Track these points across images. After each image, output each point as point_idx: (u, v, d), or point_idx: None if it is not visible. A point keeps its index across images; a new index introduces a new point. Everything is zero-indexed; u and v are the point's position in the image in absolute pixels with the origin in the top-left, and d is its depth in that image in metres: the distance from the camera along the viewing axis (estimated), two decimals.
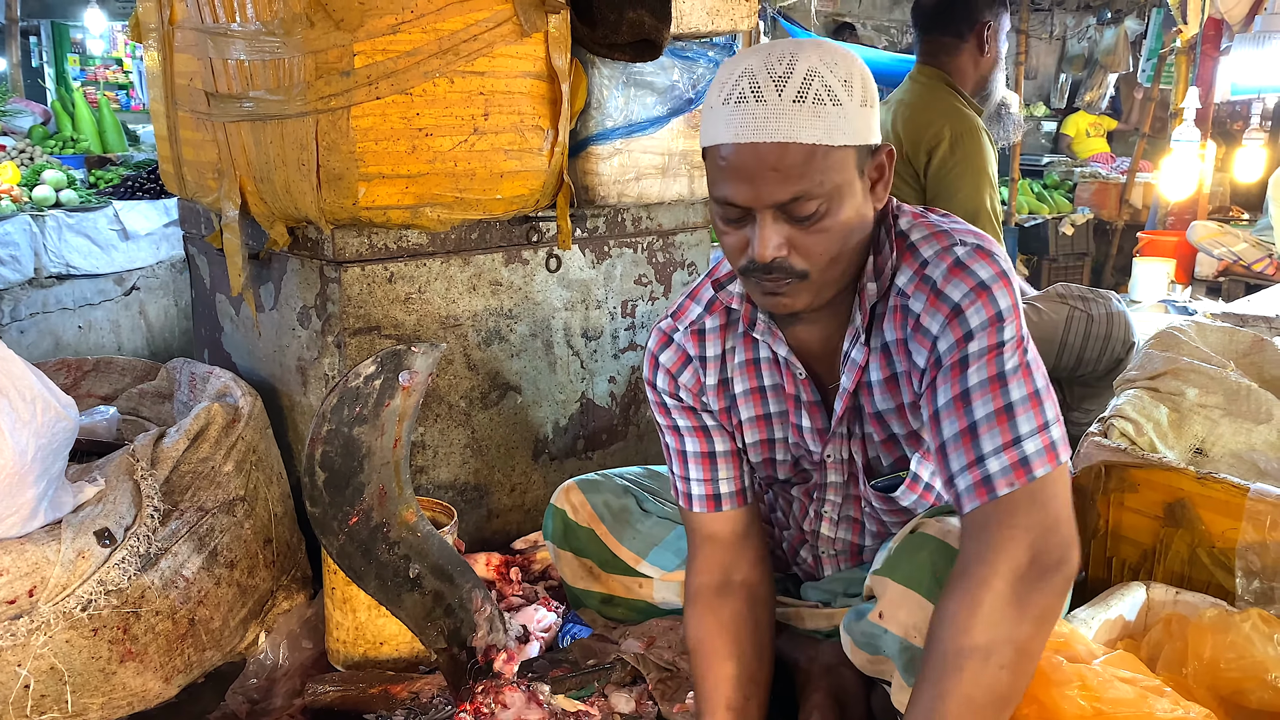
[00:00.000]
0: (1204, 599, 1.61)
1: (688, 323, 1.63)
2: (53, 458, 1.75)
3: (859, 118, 1.32)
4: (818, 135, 1.29)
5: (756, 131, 1.29)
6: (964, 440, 1.31)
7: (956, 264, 1.36)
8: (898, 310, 1.43)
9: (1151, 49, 7.56)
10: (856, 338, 1.47)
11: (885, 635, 1.46)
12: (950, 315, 1.35)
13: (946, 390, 1.34)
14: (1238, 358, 2.05)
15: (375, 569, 1.45)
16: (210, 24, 2.11)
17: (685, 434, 1.63)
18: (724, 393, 1.62)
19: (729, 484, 1.62)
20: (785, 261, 1.35)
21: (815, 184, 1.31)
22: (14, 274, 4.37)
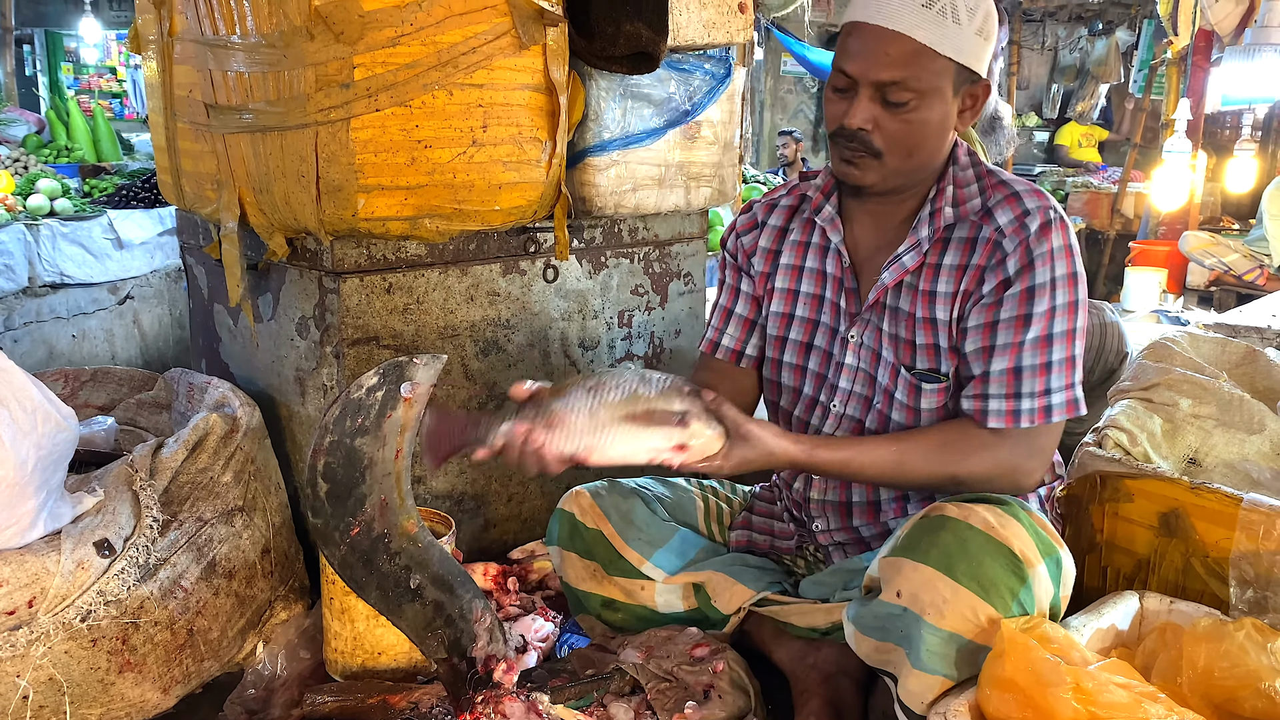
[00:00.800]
0: (1198, 608, 1.63)
1: (769, 197, 1.95)
2: (53, 469, 1.76)
3: (971, 42, 1.57)
4: (931, 39, 1.54)
5: (885, 18, 1.55)
6: (1008, 378, 1.61)
7: (1048, 224, 1.61)
8: (989, 243, 1.65)
9: (1143, 60, 7.61)
10: (916, 247, 1.70)
11: (905, 615, 1.47)
12: (1027, 265, 1.60)
13: (1008, 334, 1.61)
14: (1230, 368, 2.07)
15: (377, 579, 1.45)
16: (210, 36, 2.12)
17: (724, 288, 1.96)
18: (771, 260, 1.90)
19: (730, 340, 1.94)
20: (867, 136, 1.60)
21: (913, 77, 1.56)
22: (8, 283, 4.36)
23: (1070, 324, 1.61)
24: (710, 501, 2.11)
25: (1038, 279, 1.59)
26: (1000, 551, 1.45)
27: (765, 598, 1.88)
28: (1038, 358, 1.60)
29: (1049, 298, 1.59)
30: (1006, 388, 1.61)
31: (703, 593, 1.91)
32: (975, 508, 1.50)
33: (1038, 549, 1.47)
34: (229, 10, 2.06)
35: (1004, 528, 1.47)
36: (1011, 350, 1.61)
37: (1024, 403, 1.61)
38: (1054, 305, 1.59)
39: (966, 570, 1.44)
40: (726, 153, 2.68)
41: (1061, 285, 1.60)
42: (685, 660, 1.77)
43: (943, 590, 1.44)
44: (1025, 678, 1.35)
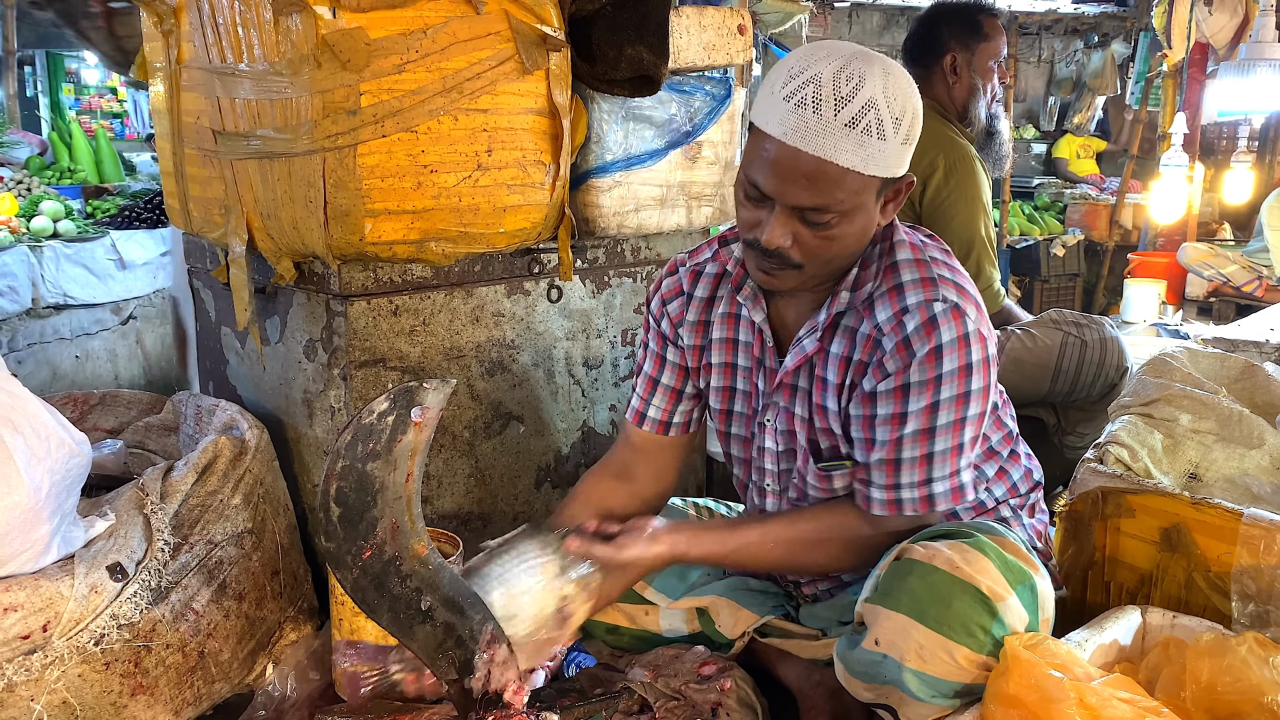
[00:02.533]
0: (1201, 623, 1.64)
1: (693, 262, 1.85)
2: (66, 493, 1.78)
3: (896, 153, 1.49)
4: (855, 162, 1.45)
5: (805, 140, 1.44)
6: (887, 469, 1.61)
7: (930, 320, 1.55)
8: (869, 339, 1.61)
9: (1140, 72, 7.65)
10: (814, 331, 1.66)
11: (885, 661, 1.49)
12: (904, 366, 1.56)
13: (885, 431, 1.60)
14: (1229, 383, 2.09)
15: (388, 602, 1.47)
16: (218, 64, 2.15)
17: (650, 356, 1.90)
18: (701, 333, 1.84)
19: (656, 411, 1.89)
20: (785, 253, 1.53)
21: (836, 201, 1.48)
22: (12, 305, 4.38)
23: (957, 415, 1.57)
24: None
25: (914, 377, 1.55)
26: (967, 591, 1.45)
27: (768, 624, 1.90)
28: (917, 450, 1.58)
29: (929, 394, 1.55)
30: (887, 478, 1.61)
31: (706, 616, 1.93)
32: (940, 548, 1.50)
33: (1007, 581, 1.46)
34: (237, 39, 2.09)
35: (969, 565, 1.47)
36: (890, 445, 1.59)
37: (904, 492, 1.61)
38: (935, 400, 1.56)
39: (936, 615, 1.45)
40: (727, 172, 2.70)
41: (948, 380, 1.55)
42: (693, 679, 1.78)
43: (917, 636, 1.46)
44: (1030, 694, 1.37)
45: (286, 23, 1.98)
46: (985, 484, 1.84)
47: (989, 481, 1.85)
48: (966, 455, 1.62)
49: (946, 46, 2.84)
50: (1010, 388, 2.68)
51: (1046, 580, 1.54)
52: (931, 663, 1.46)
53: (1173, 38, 5.29)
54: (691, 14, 2.55)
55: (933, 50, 2.86)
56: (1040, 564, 1.56)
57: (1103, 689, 1.37)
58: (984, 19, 2.87)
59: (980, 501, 1.84)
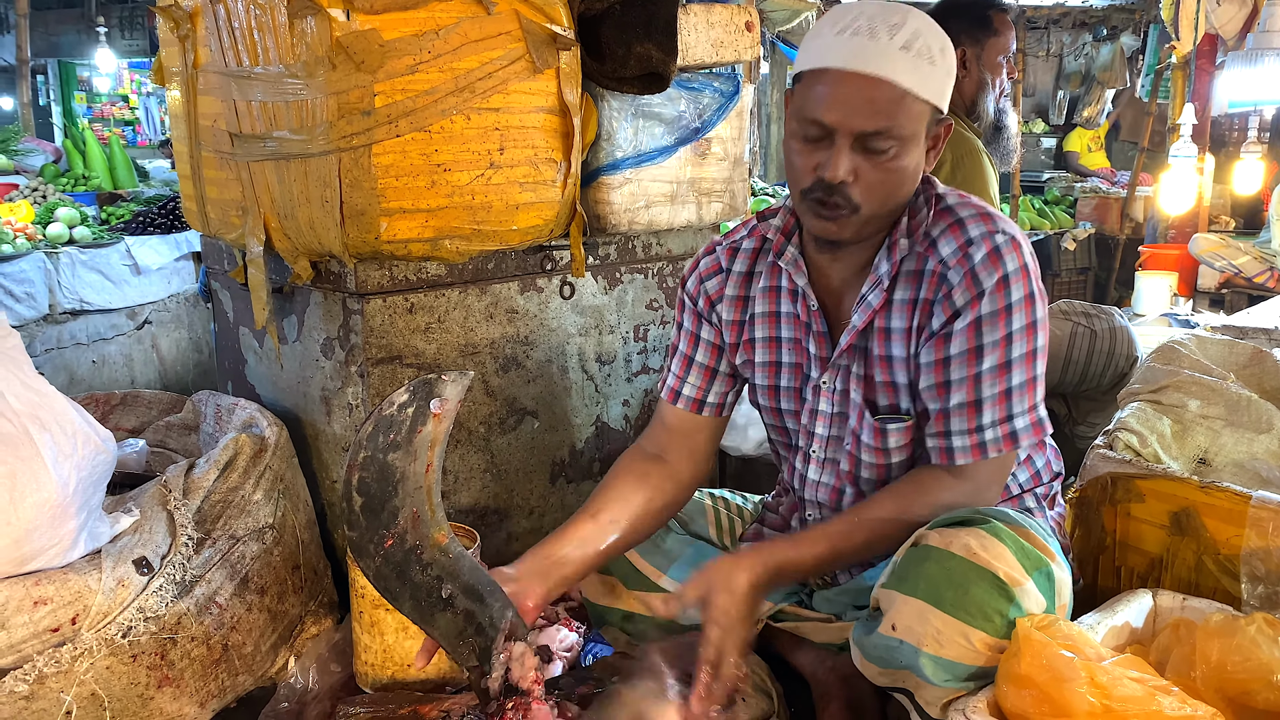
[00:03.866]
0: (1211, 604, 1.66)
1: (730, 240, 1.85)
2: (92, 489, 1.81)
3: (942, 82, 1.54)
4: (913, 83, 1.48)
5: (866, 63, 1.47)
6: (969, 410, 1.58)
7: (995, 250, 1.56)
8: (935, 276, 1.60)
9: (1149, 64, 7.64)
10: (878, 285, 1.64)
11: (902, 646, 1.51)
12: (976, 297, 1.55)
13: (962, 368, 1.58)
14: (1238, 369, 2.11)
15: (410, 590, 1.50)
16: (234, 68, 2.18)
17: (683, 334, 1.88)
18: (741, 308, 1.83)
19: (691, 389, 1.87)
20: (847, 191, 1.52)
21: (898, 125, 1.49)
22: (29, 310, 4.43)
23: (1029, 345, 1.57)
24: (721, 514, 2.12)
25: (985, 309, 1.55)
26: (984, 576, 1.46)
27: (782, 610, 1.91)
28: (997, 385, 1.57)
29: (1003, 325, 1.55)
30: (968, 421, 1.58)
31: None
32: (958, 533, 1.50)
33: (1023, 567, 1.47)
34: (252, 42, 2.13)
35: (986, 551, 1.47)
36: (969, 384, 1.57)
37: (987, 434, 1.59)
38: (1009, 332, 1.56)
39: (954, 600, 1.46)
40: (737, 168, 2.73)
41: (1017, 309, 1.55)
42: None
43: (934, 622, 1.47)
44: (1041, 674, 1.39)
45: (301, 25, 2.01)
46: (1012, 473, 1.84)
47: (1015, 469, 1.85)
48: (1040, 388, 1.61)
49: (956, 41, 2.84)
50: None
51: (1064, 569, 1.55)
52: (948, 647, 1.47)
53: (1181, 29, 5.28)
54: (699, 11, 2.58)
55: None
56: (1058, 552, 1.57)
57: (1113, 669, 1.39)
58: (993, 14, 2.89)
59: (1005, 487, 1.84)
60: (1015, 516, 1.58)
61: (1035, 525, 1.59)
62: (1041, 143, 9.06)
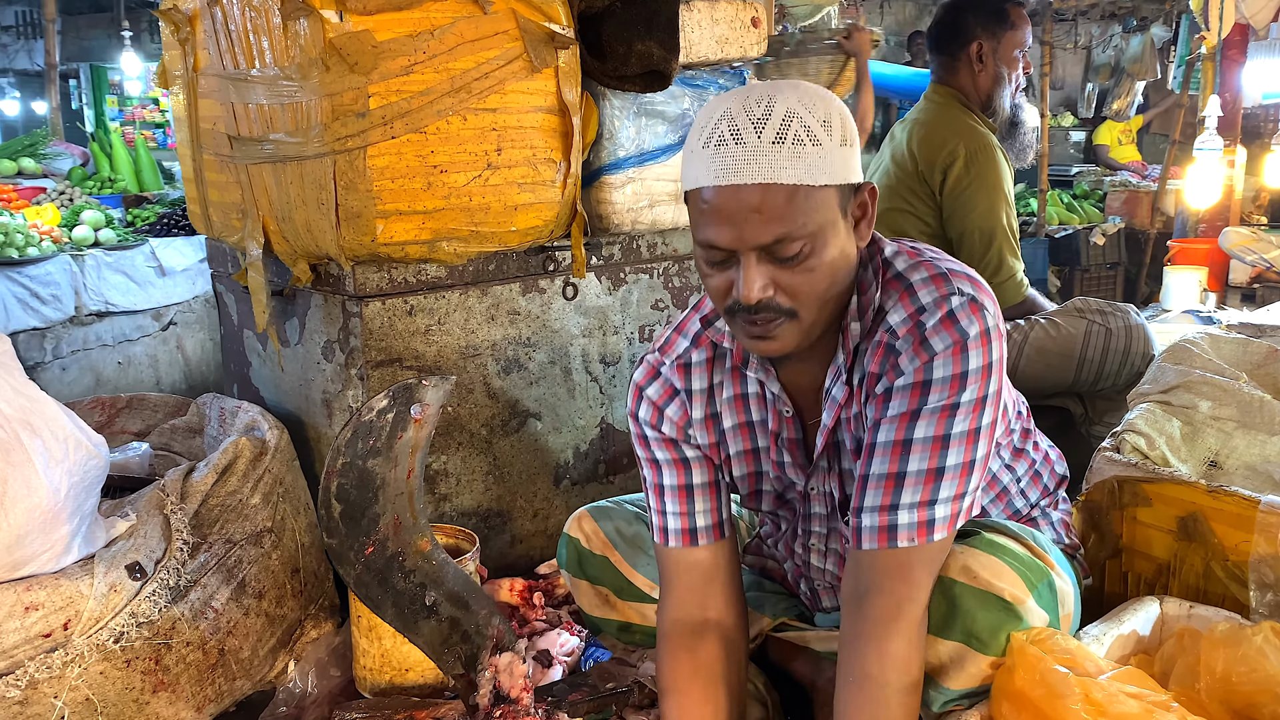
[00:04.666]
0: (1218, 613, 1.61)
1: (674, 357, 1.63)
2: (85, 494, 1.81)
3: (839, 157, 1.34)
4: (798, 176, 1.30)
5: (737, 174, 1.30)
6: (886, 483, 1.39)
7: (949, 315, 1.38)
8: (882, 346, 1.44)
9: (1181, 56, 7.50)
10: (839, 376, 1.48)
11: None
12: (925, 363, 1.38)
13: (890, 431, 1.40)
14: (1251, 369, 2.05)
15: (392, 597, 1.49)
16: (232, 70, 2.18)
17: (664, 466, 1.63)
18: (713, 427, 1.63)
19: (705, 517, 1.61)
20: (773, 301, 1.36)
21: (798, 225, 1.32)
22: (55, 312, 4.48)
23: (973, 423, 1.38)
24: None
25: (936, 373, 1.38)
26: (987, 600, 1.41)
27: (783, 623, 1.88)
28: (925, 462, 1.37)
29: (952, 393, 1.37)
30: (883, 496, 1.39)
31: None
32: (953, 557, 1.44)
33: (1025, 582, 1.42)
34: (248, 45, 2.12)
35: (985, 570, 1.42)
36: (894, 450, 1.39)
37: (900, 515, 1.38)
38: (955, 403, 1.37)
39: (960, 627, 1.42)
40: None
41: (973, 380, 1.37)
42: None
43: (942, 652, 1.43)
44: (1036, 689, 1.35)
45: (294, 27, 2.00)
46: (1022, 492, 1.79)
47: (1026, 489, 1.79)
48: (976, 477, 1.42)
49: (973, 34, 2.81)
50: (1035, 377, 2.66)
51: (1065, 578, 1.50)
52: (959, 678, 1.44)
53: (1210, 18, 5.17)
54: (703, 8, 2.55)
55: (958, 38, 2.83)
56: (1057, 560, 1.52)
57: (1109, 684, 1.35)
58: (1010, 7, 2.84)
59: (1016, 510, 1.78)
60: (1011, 525, 1.54)
61: (1033, 533, 1.55)
62: (1070, 136, 8.93)
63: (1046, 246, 7.19)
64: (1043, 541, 1.54)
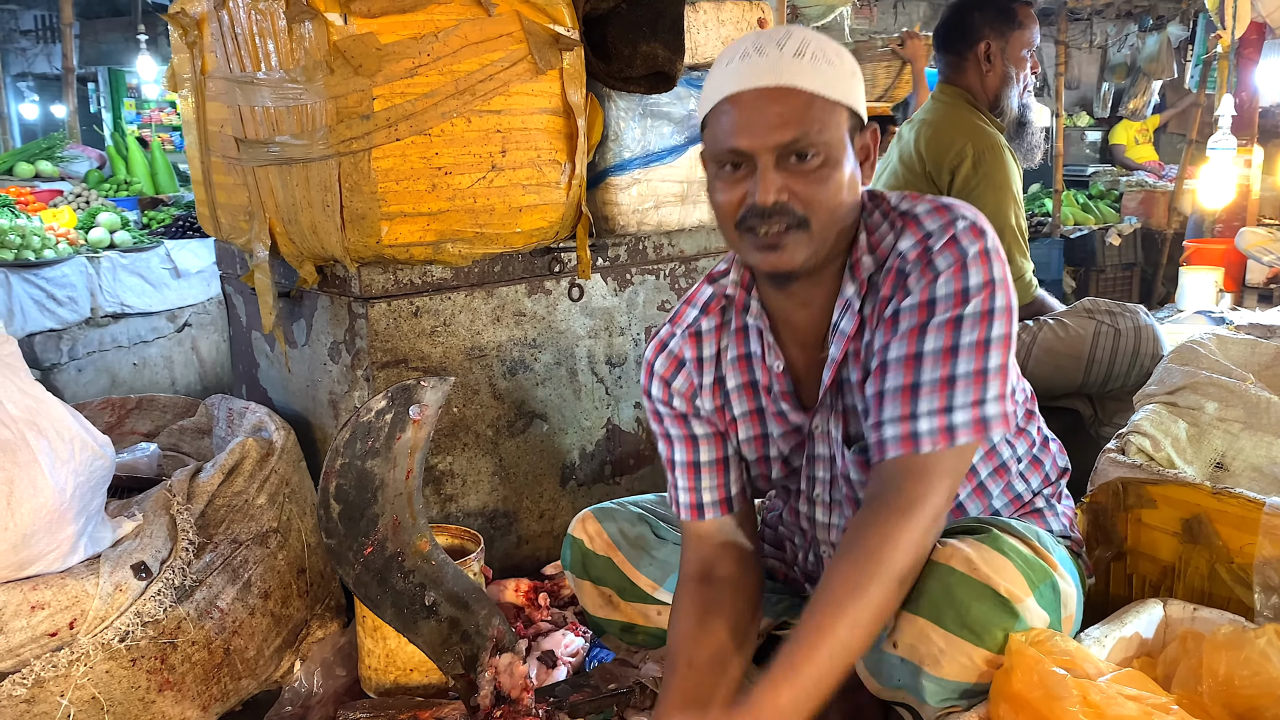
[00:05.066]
0: (1222, 615, 1.60)
1: (684, 326, 1.69)
2: (91, 495, 1.83)
3: (850, 83, 1.45)
4: (817, 86, 1.41)
5: (762, 78, 1.41)
6: (903, 395, 1.43)
7: (953, 238, 1.45)
8: (893, 272, 1.50)
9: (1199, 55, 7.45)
10: (847, 308, 1.54)
11: (904, 664, 1.47)
12: (930, 281, 1.45)
13: (901, 347, 1.45)
14: (1259, 370, 2.03)
15: (391, 597, 1.49)
16: (238, 73, 2.19)
17: (675, 443, 1.70)
18: (719, 391, 1.69)
19: (711, 493, 1.69)
20: (787, 205, 1.42)
21: (814, 130, 1.41)
22: (71, 314, 4.52)
23: (980, 333, 1.42)
24: None
25: (940, 290, 1.43)
26: (985, 594, 1.40)
27: (786, 621, 1.88)
28: (938, 370, 1.42)
29: (953, 307, 1.42)
30: (901, 407, 1.43)
31: None
32: (957, 548, 1.44)
33: (1027, 580, 1.42)
34: (254, 48, 2.13)
35: (987, 565, 1.41)
36: (906, 365, 1.44)
37: (922, 423, 1.41)
38: (960, 314, 1.42)
39: (955, 618, 1.41)
40: None
41: (975, 294, 1.42)
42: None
43: (936, 640, 1.42)
44: (1034, 691, 1.34)
45: (299, 30, 2.02)
46: (1022, 475, 1.79)
47: (1025, 472, 1.80)
48: (993, 384, 1.43)
49: (980, 34, 2.80)
50: (1044, 378, 2.64)
51: (1068, 580, 1.49)
52: (949, 667, 1.43)
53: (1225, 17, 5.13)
54: (710, 9, 2.56)
55: (966, 38, 2.82)
56: (1061, 561, 1.51)
57: (1109, 686, 1.34)
58: (1018, 7, 2.82)
59: (1018, 494, 1.79)
60: (1018, 526, 1.54)
61: (1040, 534, 1.54)
62: (1086, 136, 8.87)
63: (1062, 247, 7.15)
64: (1047, 542, 1.53)
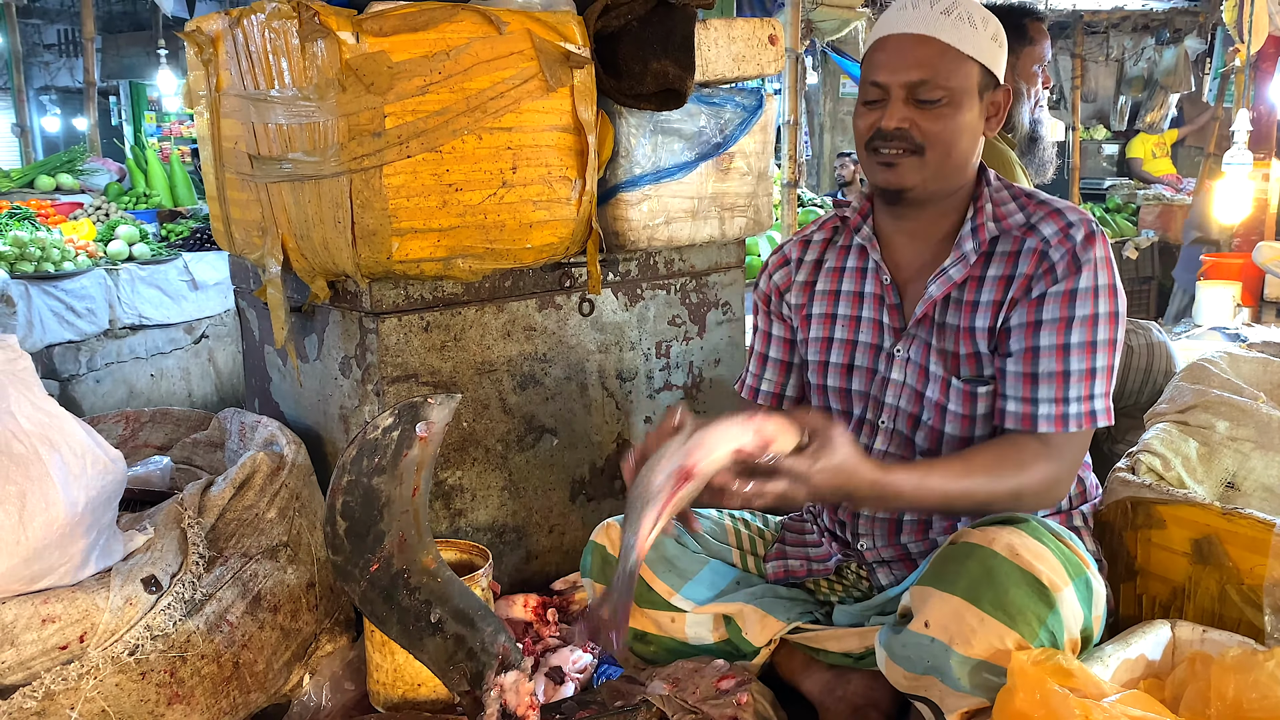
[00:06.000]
0: (1232, 637, 1.59)
1: (801, 234, 1.99)
2: (102, 509, 1.84)
3: (988, 45, 1.68)
4: (954, 39, 1.64)
5: (909, 25, 1.66)
6: (1057, 381, 1.64)
7: (1091, 235, 1.66)
8: (1036, 253, 1.68)
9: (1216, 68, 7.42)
10: (962, 260, 1.73)
11: (933, 644, 1.48)
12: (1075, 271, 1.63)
13: (1052, 335, 1.64)
14: (1271, 389, 2.02)
15: (397, 614, 1.50)
16: (252, 91, 2.22)
17: (758, 334, 2.02)
18: (808, 291, 1.93)
19: (769, 385, 2.00)
20: (907, 132, 1.66)
21: (942, 76, 1.64)
22: (90, 326, 4.56)
23: (1111, 333, 1.64)
24: (743, 534, 2.10)
25: (1083, 283, 1.62)
26: (1025, 578, 1.45)
27: (798, 627, 1.88)
28: (1083, 362, 1.63)
29: (1093, 303, 1.62)
30: (1055, 390, 1.63)
31: (733, 624, 1.92)
32: (999, 532, 1.50)
33: (1066, 572, 1.46)
34: (268, 66, 2.16)
35: (1028, 551, 1.47)
36: (1057, 353, 1.64)
37: (1072, 406, 1.63)
38: (1097, 312, 1.63)
39: (993, 599, 1.44)
40: (761, 183, 2.70)
41: (1104, 294, 1.63)
42: (711, 693, 1.78)
43: (970, 620, 1.45)
44: (1036, 710, 1.34)
45: (312, 49, 2.03)
46: None
47: None
48: (1112, 379, 1.67)
49: None
50: None
51: (1099, 580, 1.53)
52: (979, 646, 1.45)
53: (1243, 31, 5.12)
54: (720, 26, 2.56)
55: None
56: (1092, 563, 1.54)
57: (1112, 707, 1.33)
58: (1029, 23, 2.82)
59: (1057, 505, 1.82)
60: (1053, 524, 1.57)
61: (1072, 535, 1.58)
62: (1103, 149, 8.84)
63: None
64: (1080, 548, 1.55)
